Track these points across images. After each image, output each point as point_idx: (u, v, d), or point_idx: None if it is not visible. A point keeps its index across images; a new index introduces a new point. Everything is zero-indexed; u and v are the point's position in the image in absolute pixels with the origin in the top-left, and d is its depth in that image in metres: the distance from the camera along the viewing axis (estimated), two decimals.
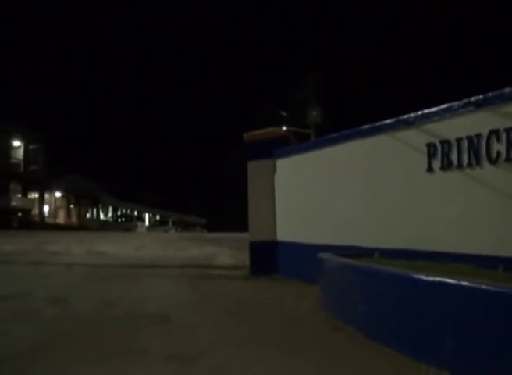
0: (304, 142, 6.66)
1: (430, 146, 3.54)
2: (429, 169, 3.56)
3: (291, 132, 8.82)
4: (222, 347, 2.45)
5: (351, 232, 4.41)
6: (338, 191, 4.72)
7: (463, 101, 3.28)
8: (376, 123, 4.18)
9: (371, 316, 2.59)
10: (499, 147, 3.03)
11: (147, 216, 55.93)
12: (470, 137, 3.23)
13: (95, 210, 45.69)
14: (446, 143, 3.42)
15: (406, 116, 3.82)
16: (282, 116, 14.68)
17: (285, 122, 13.65)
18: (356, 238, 4.27)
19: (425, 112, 3.61)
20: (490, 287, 1.83)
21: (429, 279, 2.15)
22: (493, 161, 3.08)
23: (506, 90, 3.01)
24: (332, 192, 4.81)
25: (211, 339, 2.61)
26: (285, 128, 8.42)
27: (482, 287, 1.86)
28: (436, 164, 3.50)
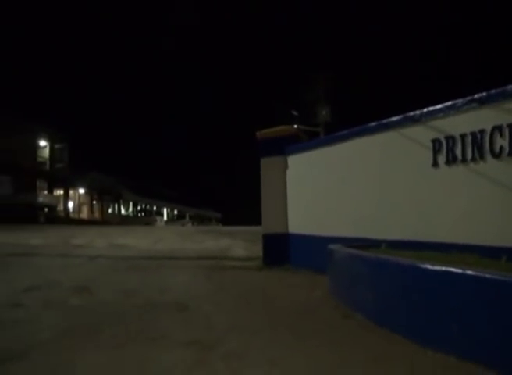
0: (314, 139, 6.76)
1: (435, 142, 3.61)
2: (435, 164, 3.62)
3: (302, 130, 8.92)
4: (238, 333, 2.51)
5: (360, 225, 4.48)
6: (347, 185, 4.78)
7: (467, 98, 3.34)
8: (383, 121, 4.23)
9: (379, 304, 2.64)
10: (502, 142, 3.10)
11: (165, 210, 56.79)
12: (474, 133, 3.29)
13: (116, 205, 46.52)
14: (450, 139, 3.48)
15: (412, 113, 3.87)
16: (294, 115, 14.73)
17: (296, 120, 13.70)
18: (364, 230, 4.34)
19: (431, 109, 3.66)
20: (494, 276, 1.88)
21: (435, 268, 2.19)
22: (496, 155, 3.15)
23: (509, 87, 3.07)
24: (341, 187, 4.88)
25: (227, 326, 2.68)
26: (296, 126, 8.52)
27: (486, 275, 1.92)
28: (441, 159, 3.57)
